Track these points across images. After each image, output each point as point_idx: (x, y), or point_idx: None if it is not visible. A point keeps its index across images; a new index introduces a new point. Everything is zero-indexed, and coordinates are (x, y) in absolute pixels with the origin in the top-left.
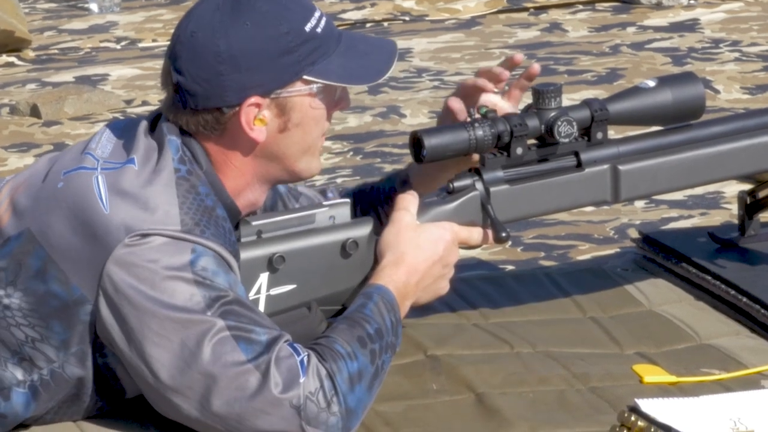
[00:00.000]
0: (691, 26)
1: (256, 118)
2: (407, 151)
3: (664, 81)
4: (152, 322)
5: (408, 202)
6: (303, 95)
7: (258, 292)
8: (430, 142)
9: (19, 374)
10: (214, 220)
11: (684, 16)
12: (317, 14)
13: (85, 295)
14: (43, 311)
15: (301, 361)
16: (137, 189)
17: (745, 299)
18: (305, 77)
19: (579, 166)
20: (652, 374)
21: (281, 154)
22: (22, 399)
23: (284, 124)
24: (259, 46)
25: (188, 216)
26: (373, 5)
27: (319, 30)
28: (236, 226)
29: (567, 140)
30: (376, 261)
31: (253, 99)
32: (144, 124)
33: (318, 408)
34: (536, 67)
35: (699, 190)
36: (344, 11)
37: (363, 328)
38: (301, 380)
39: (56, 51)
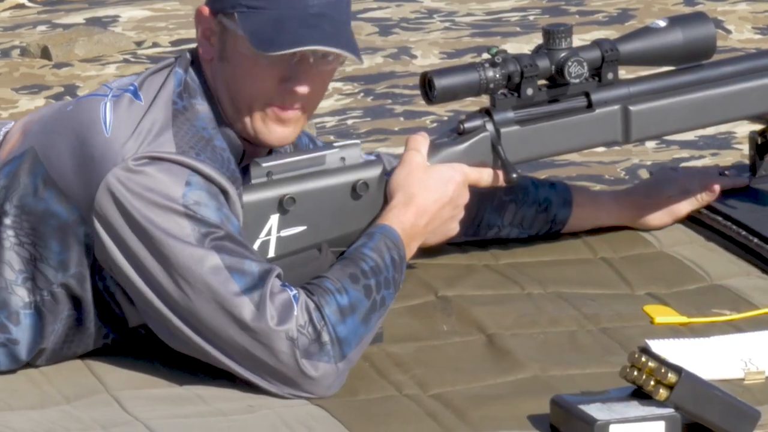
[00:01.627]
0: None
1: (211, 32)
2: (418, 92)
3: (675, 21)
4: (148, 243)
5: (419, 143)
6: (236, 33)
7: (269, 233)
8: (440, 82)
9: (25, 296)
10: (211, 148)
11: None
12: None
13: (82, 215)
14: (42, 230)
15: (294, 296)
16: (136, 115)
17: (756, 240)
18: (236, 15)
19: (590, 106)
20: (663, 315)
21: (229, 91)
22: (30, 320)
23: (220, 51)
24: None
25: (183, 141)
26: None
27: None
28: (246, 168)
29: (577, 81)
30: (386, 201)
31: (208, 10)
32: (169, 59)
33: (309, 339)
34: None
35: (710, 131)
36: None
37: (357, 266)
38: (295, 313)
39: None
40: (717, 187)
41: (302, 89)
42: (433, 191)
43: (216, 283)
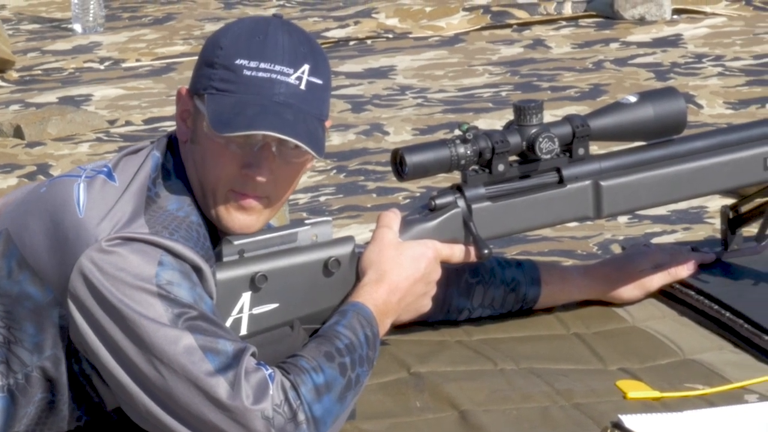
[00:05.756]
0: (674, 41)
1: (188, 113)
2: (390, 168)
3: (646, 96)
4: (121, 324)
5: (390, 219)
6: (204, 114)
7: (240, 311)
8: (411, 159)
9: None
10: (186, 225)
11: (667, 31)
12: (265, 66)
13: (57, 297)
14: (17, 313)
15: (270, 375)
16: (110, 197)
17: (728, 314)
18: (206, 96)
19: (561, 182)
20: (636, 390)
21: (197, 173)
22: (2, 404)
23: (193, 132)
24: (207, 45)
25: (157, 222)
26: (356, 23)
27: (247, 73)
28: (218, 246)
29: (548, 156)
30: (359, 279)
31: (186, 91)
32: (146, 143)
33: (285, 419)
34: None
35: (682, 205)
36: (328, 29)
37: (332, 344)
38: (270, 392)
39: (40, 72)
40: (688, 262)
41: (261, 177)
42: (405, 268)
43: (190, 363)
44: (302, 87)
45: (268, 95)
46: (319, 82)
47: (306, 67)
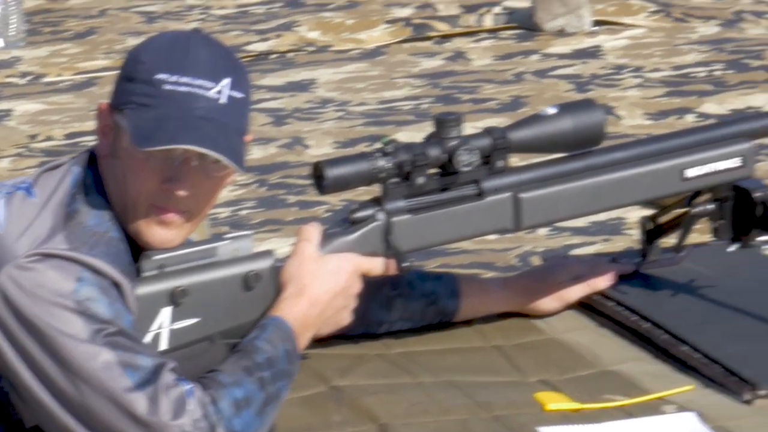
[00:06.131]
0: (593, 53)
1: (108, 128)
2: (311, 182)
3: (565, 108)
4: (40, 341)
5: (310, 233)
6: (125, 129)
7: (161, 326)
8: (331, 172)
9: None
10: (106, 240)
11: (587, 43)
12: (185, 80)
13: None
14: None
15: (188, 391)
16: (30, 213)
17: (646, 325)
18: (127, 111)
19: (480, 194)
20: (554, 401)
21: (118, 188)
22: None
23: (113, 147)
24: (128, 60)
25: (76, 238)
26: (278, 36)
27: (167, 87)
28: (138, 261)
29: (468, 169)
30: (279, 293)
31: (106, 105)
32: (66, 158)
33: None
34: None
35: (601, 217)
36: (249, 43)
37: (251, 358)
38: (189, 407)
39: None
40: (607, 273)
41: (182, 192)
42: (324, 281)
43: (109, 379)
44: (223, 101)
45: (189, 109)
46: (240, 96)
47: (226, 81)
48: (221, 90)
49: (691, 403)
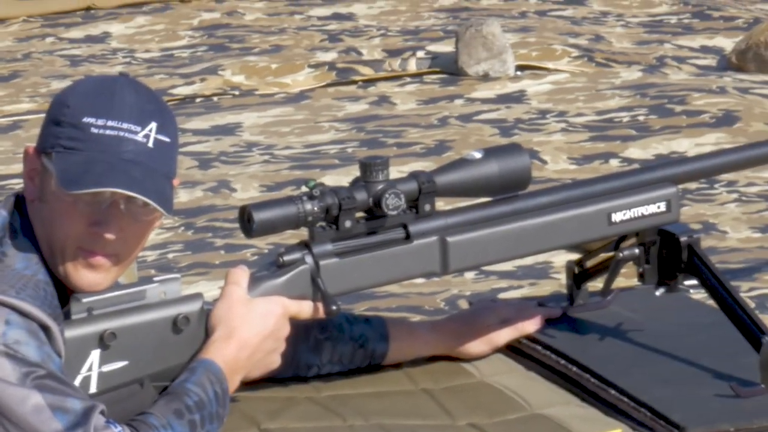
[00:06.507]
0: (518, 97)
1: (35, 172)
2: (238, 225)
3: (490, 152)
4: None
5: (239, 276)
6: (52, 173)
7: (90, 369)
8: (258, 216)
9: None
10: (33, 283)
11: (511, 87)
12: (112, 123)
13: None
14: None
15: None
16: None
17: (574, 368)
18: (53, 154)
19: (407, 238)
20: None
21: (45, 232)
22: None
23: (40, 191)
24: (54, 104)
25: (3, 282)
26: (202, 80)
27: (94, 131)
28: (66, 303)
29: (395, 212)
30: (208, 335)
31: (33, 149)
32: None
33: None
34: None
35: (528, 261)
36: (174, 86)
37: (181, 401)
38: None
39: None
40: (535, 317)
41: (109, 235)
42: (253, 324)
43: (39, 422)
44: (150, 145)
45: (116, 153)
46: (167, 139)
47: (153, 125)
48: (148, 134)
49: None
